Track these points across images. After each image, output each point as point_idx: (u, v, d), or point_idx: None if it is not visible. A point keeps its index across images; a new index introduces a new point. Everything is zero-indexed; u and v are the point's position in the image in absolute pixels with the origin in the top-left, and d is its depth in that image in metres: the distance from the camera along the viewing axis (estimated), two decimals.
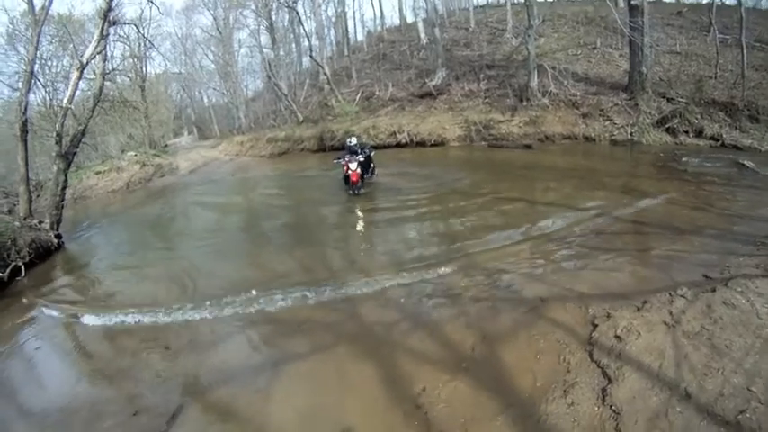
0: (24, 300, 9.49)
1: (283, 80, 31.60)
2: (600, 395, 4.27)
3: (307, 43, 31.49)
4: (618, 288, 6.20)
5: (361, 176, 14.38)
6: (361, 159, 14.31)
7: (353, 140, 14.98)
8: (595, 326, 5.31)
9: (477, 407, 4.51)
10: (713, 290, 5.44)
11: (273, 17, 32.91)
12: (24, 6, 13.86)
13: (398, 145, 20.54)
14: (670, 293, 5.59)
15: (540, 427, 4.12)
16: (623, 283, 6.32)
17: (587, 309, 5.72)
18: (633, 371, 4.42)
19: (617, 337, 4.95)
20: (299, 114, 28.12)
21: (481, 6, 31.48)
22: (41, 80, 24.31)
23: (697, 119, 14.48)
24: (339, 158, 14.37)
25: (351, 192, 14.07)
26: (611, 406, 4.10)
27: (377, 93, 25.72)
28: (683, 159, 12.56)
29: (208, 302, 7.72)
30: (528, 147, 17.12)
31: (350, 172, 14.09)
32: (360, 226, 11.21)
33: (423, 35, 28.46)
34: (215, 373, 5.88)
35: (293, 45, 35.81)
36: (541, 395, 4.45)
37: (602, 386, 4.36)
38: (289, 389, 5.36)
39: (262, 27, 34.75)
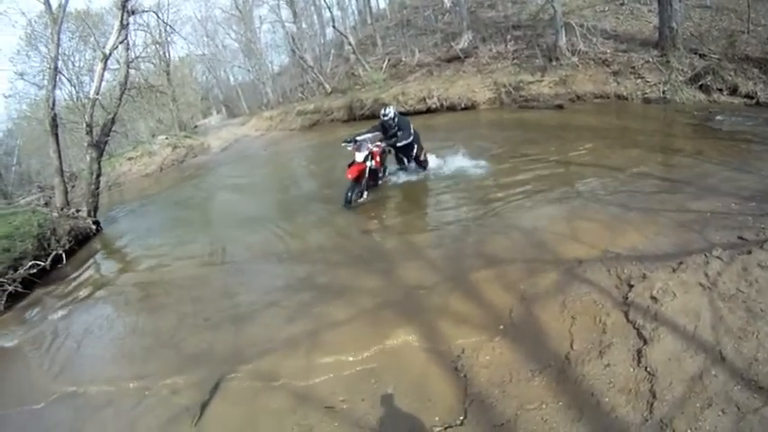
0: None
1: (308, 52, 31.50)
2: (635, 356, 4.36)
3: (329, 14, 31.32)
4: (654, 249, 6.23)
5: (374, 172, 11.02)
6: (380, 147, 10.95)
7: (390, 110, 10.97)
8: (631, 287, 5.37)
9: (515, 368, 4.69)
10: (749, 252, 5.44)
11: None
12: (41, 7, 14.02)
13: (428, 110, 20.47)
14: (706, 255, 5.59)
15: (576, 387, 4.26)
16: (659, 244, 6.33)
17: (623, 269, 5.79)
18: (669, 332, 4.50)
19: (653, 298, 5.03)
20: (326, 85, 28.12)
21: None
22: (66, 75, 24.72)
23: (730, 76, 14.05)
24: (349, 140, 10.93)
25: (345, 197, 10.32)
26: (646, 367, 4.20)
27: (403, 59, 25.49)
28: (718, 118, 12.33)
29: None
30: (559, 107, 16.96)
31: (354, 163, 10.49)
32: (401, 198, 10.99)
33: None
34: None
35: (315, 17, 35.49)
36: (578, 356, 4.59)
37: (638, 347, 4.45)
38: (329, 353, 5.59)
39: (282, 1, 34.51)
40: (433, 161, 11.83)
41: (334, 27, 30.00)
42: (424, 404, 4.51)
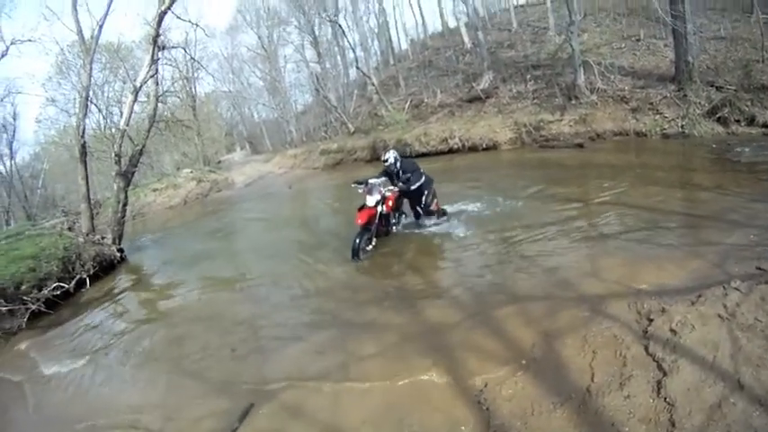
0: None
1: (332, 92, 32.18)
2: (655, 388, 4.40)
3: (352, 55, 32.01)
4: (673, 282, 6.28)
5: (386, 218, 10.23)
6: (394, 192, 10.09)
7: (390, 156, 10.26)
8: (651, 320, 5.41)
9: (537, 401, 4.73)
10: (767, 282, 5.49)
11: (317, 32, 33.57)
12: (73, 37, 14.65)
13: (450, 151, 20.80)
14: (724, 287, 5.62)
15: (597, 418, 4.31)
16: (678, 278, 6.39)
17: (643, 304, 5.81)
18: (688, 363, 4.55)
19: (672, 330, 5.07)
20: (349, 125, 28.71)
21: (521, 6, 31.14)
22: (96, 105, 25.51)
23: (747, 106, 14.19)
24: (361, 182, 10.12)
25: (353, 248, 9.48)
26: (665, 398, 4.24)
27: (425, 100, 26.07)
28: (737, 150, 12.40)
29: None
30: (580, 146, 17.10)
31: (365, 207, 9.70)
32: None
33: (466, 39, 28.61)
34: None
35: (338, 57, 36.32)
36: (598, 388, 4.63)
37: (658, 379, 4.49)
38: (356, 386, 5.71)
39: (306, 42, 35.41)
40: (455, 207, 11.64)
41: (357, 68, 30.63)
42: None
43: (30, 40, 18.36)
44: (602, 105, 18.04)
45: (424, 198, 10.30)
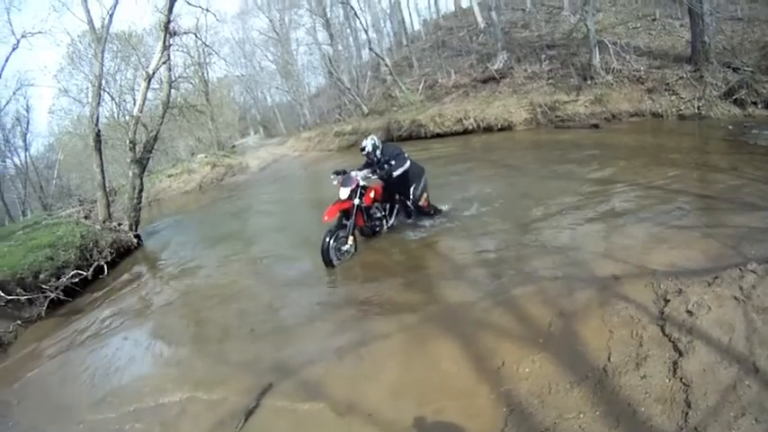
0: None
1: (345, 74, 32.11)
2: (671, 368, 4.45)
3: (365, 36, 31.83)
4: (689, 264, 6.26)
5: (366, 212, 9.24)
6: (369, 179, 9.24)
7: (368, 143, 9.27)
8: (667, 301, 5.43)
9: (554, 380, 4.78)
10: None
11: (328, 13, 33.39)
12: (84, 27, 14.80)
13: (465, 131, 20.81)
14: (740, 269, 5.62)
15: (613, 397, 4.36)
16: (694, 259, 6.36)
17: (660, 285, 5.81)
18: (704, 345, 4.58)
19: (688, 311, 5.10)
20: (363, 107, 28.68)
21: None
22: (109, 93, 25.71)
23: (765, 89, 13.97)
24: (339, 172, 9.35)
25: (323, 251, 8.63)
26: (681, 378, 4.29)
27: (440, 80, 25.97)
28: (754, 132, 12.27)
29: None
30: (595, 126, 17.03)
31: (337, 201, 8.88)
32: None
33: (480, 19, 28.38)
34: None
35: (351, 39, 36.35)
36: (615, 368, 4.67)
37: (674, 359, 4.54)
38: (373, 364, 5.77)
39: (318, 24, 35.25)
40: (471, 190, 11.66)
41: (370, 49, 30.56)
42: (466, 413, 4.65)
43: (40, 33, 18.52)
44: (617, 86, 17.91)
45: (411, 191, 9.39)
